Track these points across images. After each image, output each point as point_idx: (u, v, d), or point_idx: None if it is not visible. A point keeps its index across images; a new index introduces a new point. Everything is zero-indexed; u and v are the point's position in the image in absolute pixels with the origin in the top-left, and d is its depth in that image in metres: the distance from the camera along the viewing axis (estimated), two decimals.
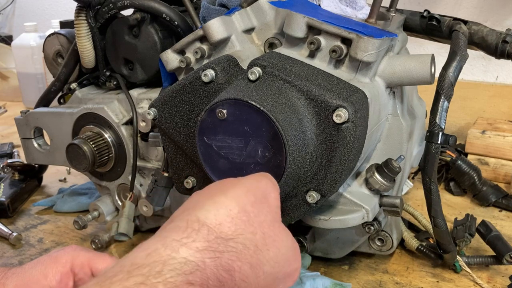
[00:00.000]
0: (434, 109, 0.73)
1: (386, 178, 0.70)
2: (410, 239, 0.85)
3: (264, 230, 0.40)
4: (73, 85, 0.95)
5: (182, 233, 0.35)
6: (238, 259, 0.36)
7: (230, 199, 0.40)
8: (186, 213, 0.38)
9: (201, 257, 0.34)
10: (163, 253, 0.33)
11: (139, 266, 0.32)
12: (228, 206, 0.39)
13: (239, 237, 0.38)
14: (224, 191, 0.41)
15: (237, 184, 0.43)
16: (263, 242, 0.39)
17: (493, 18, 1.43)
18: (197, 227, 0.36)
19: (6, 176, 1.14)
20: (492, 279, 0.82)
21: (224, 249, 0.36)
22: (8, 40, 2.18)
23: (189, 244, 0.35)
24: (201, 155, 0.61)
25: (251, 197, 0.41)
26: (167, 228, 0.37)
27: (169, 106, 0.69)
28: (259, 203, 0.42)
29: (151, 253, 0.33)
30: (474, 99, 1.46)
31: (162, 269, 0.32)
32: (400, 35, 0.83)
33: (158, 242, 0.35)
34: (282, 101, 0.58)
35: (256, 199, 0.42)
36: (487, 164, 1.19)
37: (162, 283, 0.31)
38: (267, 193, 0.44)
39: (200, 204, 0.39)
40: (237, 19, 0.72)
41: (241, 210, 0.40)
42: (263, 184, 0.44)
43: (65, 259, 0.47)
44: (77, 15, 0.86)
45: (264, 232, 0.40)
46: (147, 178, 0.90)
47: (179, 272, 0.32)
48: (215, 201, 0.39)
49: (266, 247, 0.40)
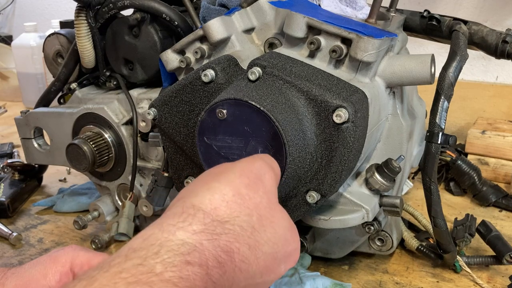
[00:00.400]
0: (434, 109, 0.73)
1: (386, 178, 0.70)
2: (410, 239, 0.85)
3: (260, 212, 0.41)
4: (73, 85, 0.95)
5: (178, 218, 0.36)
6: (236, 241, 0.37)
7: (224, 184, 0.40)
8: (181, 201, 0.39)
9: (198, 239, 0.35)
10: (160, 236, 0.34)
11: (136, 249, 0.33)
12: (222, 191, 0.40)
13: (235, 219, 0.38)
14: (217, 176, 0.42)
15: (230, 169, 0.43)
16: (260, 224, 0.40)
17: (493, 18, 1.43)
18: (193, 212, 0.37)
19: (6, 176, 1.14)
20: (492, 279, 0.82)
21: (221, 231, 0.37)
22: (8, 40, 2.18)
23: (186, 228, 0.35)
24: (201, 155, 0.61)
25: (245, 180, 0.42)
26: (163, 215, 0.38)
27: (169, 106, 0.69)
28: (253, 184, 0.42)
29: (147, 238, 0.34)
30: (474, 99, 1.46)
31: (159, 250, 0.33)
32: (400, 35, 0.83)
33: (155, 227, 0.35)
34: (282, 101, 0.58)
35: (250, 181, 0.42)
36: (487, 164, 1.19)
37: (160, 263, 0.32)
38: (261, 174, 0.44)
39: (195, 192, 0.40)
40: (237, 19, 0.72)
41: (236, 194, 0.40)
42: (257, 165, 0.45)
43: (65, 259, 0.47)
44: (77, 15, 0.86)
45: (261, 214, 0.41)
46: (147, 178, 0.90)
47: (176, 253, 0.33)
48: (209, 187, 0.40)
49: (263, 228, 0.40)
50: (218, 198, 0.39)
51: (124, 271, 0.31)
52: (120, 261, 0.32)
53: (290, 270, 0.80)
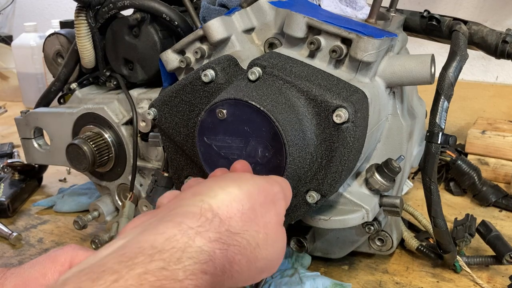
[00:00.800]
0: (434, 109, 0.73)
1: (386, 178, 0.70)
2: (410, 239, 0.85)
3: (267, 231, 0.42)
4: (73, 85, 0.95)
5: (197, 221, 0.36)
6: (240, 253, 0.38)
7: (243, 194, 0.41)
8: (198, 198, 0.39)
9: (212, 247, 0.35)
10: (181, 240, 0.34)
11: (159, 250, 0.33)
12: (241, 201, 0.40)
13: (245, 233, 0.39)
14: (239, 184, 0.42)
15: (251, 181, 0.44)
16: (264, 242, 0.41)
17: (493, 18, 1.43)
18: (211, 217, 0.37)
19: (6, 176, 1.14)
20: (492, 279, 0.82)
21: (231, 242, 0.37)
22: (8, 40, 2.18)
23: (203, 234, 0.36)
24: (201, 155, 0.61)
25: (262, 198, 0.43)
26: (179, 212, 0.38)
27: (169, 106, 0.69)
28: (267, 205, 0.43)
29: (169, 239, 0.34)
30: (474, 99, 1.46)
31: (181, 256, 0.33)
32: (400, 35, 0.83)
33: (174, 227, 0.35)
34: (282, 101, 0.58)
35: (266, 200, 0.43)
36: (487, 164, 1.19)
37: (181, 270, 0.32)
38: (276, 200, 0.45)
39: (214, 192, 0.40)
40: (237, 19, 0.72)
41: (251, 208, 0.41)
42: (276, 190, 0.46)
43: (64, 258, 0.47)
44: (77, 15, 0.86)
45: (267, 233, 0.42)
46: (147, 178, 0.90)
47: (196, 261, 0.34)
48: (229, 191, 0.41)
49: (265, 246, 0.41)
50: (235, 208, 0.40)
51: (150, 273, 0.31)
52: (144, 261, 0.32)
53: (290, 270, 0.80)
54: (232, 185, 0.41)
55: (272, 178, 0.48)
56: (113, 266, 0.31)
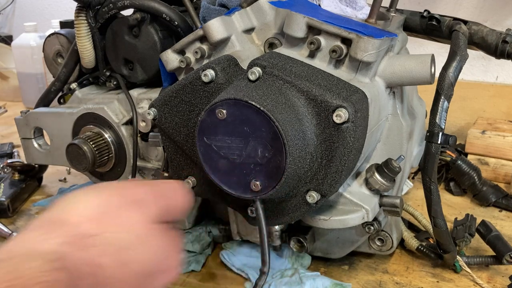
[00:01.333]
0: (434, 109, 0.73)
1: (386, 178, 0.70)
2: (410, 239, 0.85)
3: (134, 231, 0.43)
4: (73, 85, 0.95)
5: (43, 229, 0.39)
6: (104, 254, 0.39)
7: (99, 199, 0.43)
8: (50, 212, 0.41)
9: (61, 249, 0.37)
10: (26, 246, 0.37)
11: (3, 259, 0.35)
12: (97, 206, 0.42)
13: (102, 234, 0.40)
14: (92, 192, 0.44)
15: (112, 185, 0.46)
16: (130, 242, 0.42)
17: (493, 18, 1.43)
18: (59, 224, 0.39)
19: (6, 176, 1.14)
20: (492, 279, 0.82)
21: (87, 244, 0.39)
22: (8, 40, 2.17)
23: (49, 240, 0.38)
24: (201, 155, 0.61)
25: (121, 200, 0.44)
26: (30, 225, 0.40)
27: (169, 106, 0.69)
28: (128, 206, 0.44)
29: (16, 246, 0.37)
30: (474, 99, 1.46)
31: (28, 259, 0.35)
32: (400, 35, 0.83)
33: (20, 237, 0.38)
34: (282, 101, 0.58)
35: (127, 202, 0.44)
36: (487, 164, 1.19)
37: (28, 269, 0.34)
38: (139, 200, 0.45)
39: (63, 204, 0.42)
40: (237, 19, 0.72)
41: (106, 211, 0.42)
42: (141, 191, 0.46)
43: None
44: (77, 15, 0.86)
45: (134, 233, 0.42)
46: (147, 178, 0.90)
47: (43, 262, 0.35)
48: (82, 199, 0.43)
49: (134, 246, 0.42)
50: (88, 212, 0.41)
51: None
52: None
53: (290, 270, 0.80)
54: (83, 194, 0.43)
55: (145, 182, 0.49)
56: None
